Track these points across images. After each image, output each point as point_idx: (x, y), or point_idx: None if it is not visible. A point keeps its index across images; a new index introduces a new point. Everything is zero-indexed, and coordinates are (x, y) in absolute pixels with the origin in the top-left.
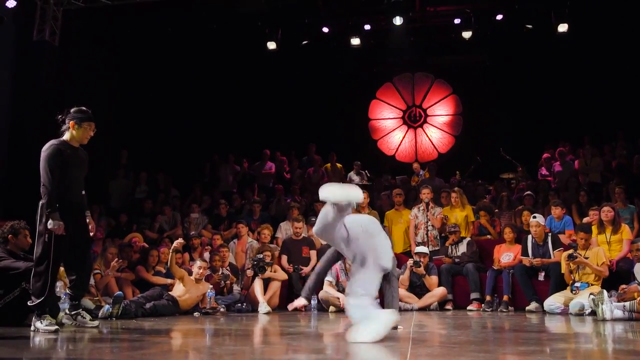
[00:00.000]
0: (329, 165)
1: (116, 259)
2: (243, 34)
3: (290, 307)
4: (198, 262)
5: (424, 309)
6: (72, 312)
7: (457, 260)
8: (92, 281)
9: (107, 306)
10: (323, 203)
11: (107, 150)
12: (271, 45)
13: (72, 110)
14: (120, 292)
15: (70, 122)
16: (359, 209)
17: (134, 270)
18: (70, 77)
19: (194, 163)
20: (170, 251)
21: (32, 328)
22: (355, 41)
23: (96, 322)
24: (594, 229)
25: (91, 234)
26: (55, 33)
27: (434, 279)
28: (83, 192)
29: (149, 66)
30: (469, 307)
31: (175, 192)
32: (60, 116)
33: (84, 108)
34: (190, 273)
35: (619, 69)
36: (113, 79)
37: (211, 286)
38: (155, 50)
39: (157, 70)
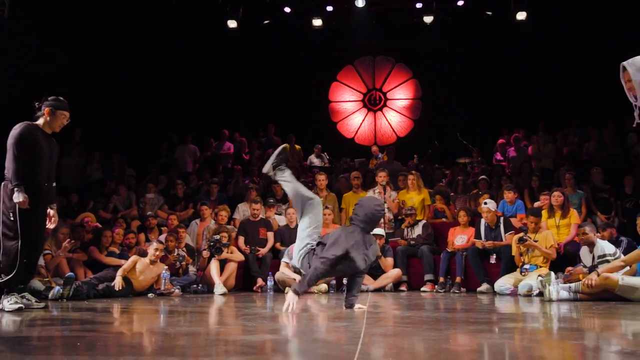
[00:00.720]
0: (287, 146)
1: (68, 240)
2: (203, 12)
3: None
4: (154, 244)
5: (379, 289)
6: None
7: (412, 242)
8: (42, 262)
9: (57, 287)
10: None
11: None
12: (232, 23)
13: (49, 98)
14: (72, 273)
15: (46, 109)
16: (317, 191)
17: (86, 250)
18: (21, 51)
19: (151, 143)
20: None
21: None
22: (317, 22)
23: (42, 304)
24: (544, 213)
25: (51, 226)
26: (4, 4)
27: (389, 260)
28: (54, 184)
29: (105, 42)
30: (422, 288)
31: (130, 172)
32: (36, 103)
33: (61, 97)
34: (145, 254)
35: (575, 58)
36: (66, 54)
37: (166, 267)
38: (112, 26)
39: (113, 46)
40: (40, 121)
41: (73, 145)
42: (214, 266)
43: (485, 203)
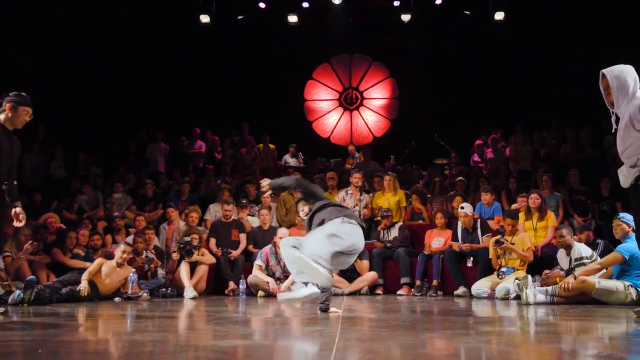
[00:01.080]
0: (261, 145)
1: (30, 241)
2: (175, 6)
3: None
4: (122, 246)
5: (355, 293)
6: None
7: (388, 244)
8: (1, 264)
9: (17, 291)
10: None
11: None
12: (204, 18)
13: (11, 93)
14: (33, 277)
15: (7, 104)
16: (291, 193)
17: (49, 253)
18: None
19: (119, 141)
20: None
21: None
22: (293, 19)
23: (2, 309)
24: (522, 215)
25: (19, 225)
26: None
27: (365, 263)
28: (15, 183)
29: (71, 35)
30: (399, 292)
31: (96, 171)
32: None
33: (23, 93)
34: (111, 256)
35: (552, 59)
36: (30, 48)
37: (134, 270)
38: (80, 19)
39: (81, 40)
40: (1, 117)
41: (34, 142)
42: (183, 269)
43: (462, 207)
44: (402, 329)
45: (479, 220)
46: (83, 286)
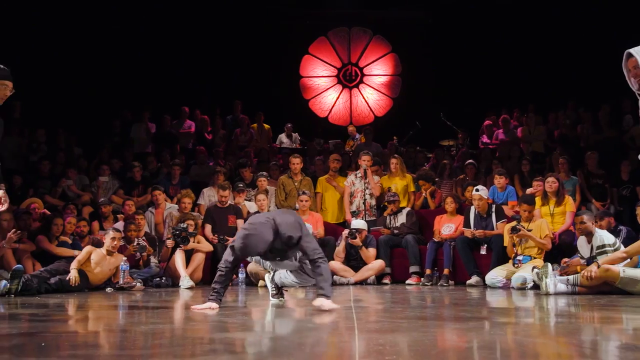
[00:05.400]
0: (255, 125)
1: (13, 229)
2: None
3: None
4: (111, 233)
5: (361, 282)
6: None
7: (395, 231)
8: None
9: (3, 282)
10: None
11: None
12: None
13: None
14: (20, 266)
15: None
16: (291, 175)
17: (33, 240)
18: None
19: (102, 120)
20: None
21: None
22: None
23: None
24: (538, 200)
25: (2, 209)
26: None
27: (371, 251)
28: None
29: (50, 6)
30: (407, 281)
31: (78, 152)
32: None
33: (1, 65)
34: (99, 245)
35: (568, 35)
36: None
37: (125, 258)
38: None
39: (59, 11)
40: None
41: (12, 122)
42: (179, 257)
43: (477, 190)
44: (412, 320)
45: (493, 206)
46: (73, 275)
